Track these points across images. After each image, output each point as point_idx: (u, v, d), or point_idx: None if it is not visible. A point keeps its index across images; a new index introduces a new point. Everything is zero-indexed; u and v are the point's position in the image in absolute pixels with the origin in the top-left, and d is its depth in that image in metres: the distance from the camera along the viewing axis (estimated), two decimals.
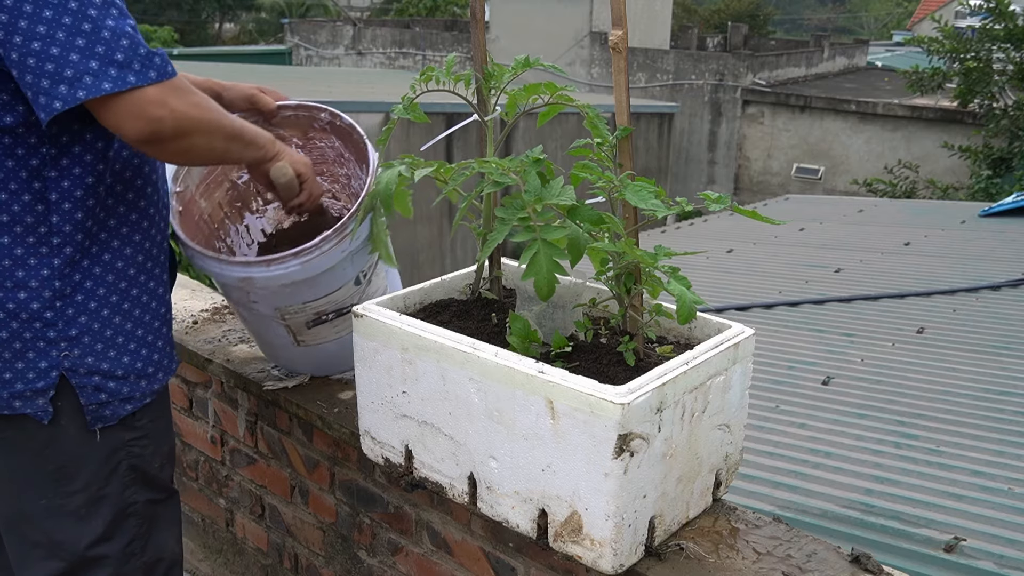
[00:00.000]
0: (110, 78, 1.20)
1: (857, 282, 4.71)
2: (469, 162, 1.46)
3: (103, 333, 1.42)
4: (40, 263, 1.35)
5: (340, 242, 1.61)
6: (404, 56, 19.65)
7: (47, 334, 1.37)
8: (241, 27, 37.66)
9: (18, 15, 1.18)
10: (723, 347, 1.38)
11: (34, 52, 1.18)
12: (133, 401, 1.47)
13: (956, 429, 2.77)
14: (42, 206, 1.33)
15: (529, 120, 9.39)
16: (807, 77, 18.20)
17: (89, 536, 1.47)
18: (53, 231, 1.35)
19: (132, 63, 1.21)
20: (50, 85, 1.19)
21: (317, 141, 1.88)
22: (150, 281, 1.50)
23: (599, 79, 17.31)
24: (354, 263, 1.68)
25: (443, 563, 1.73)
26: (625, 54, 1.34)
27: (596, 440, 1.22)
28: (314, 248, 1.58)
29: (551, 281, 1.31)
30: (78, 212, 1.36)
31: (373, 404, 1.54)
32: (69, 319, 1.38)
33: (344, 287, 1.70)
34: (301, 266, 1.60)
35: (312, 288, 1.67)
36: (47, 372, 1.38)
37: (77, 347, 1.40)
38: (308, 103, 1.82)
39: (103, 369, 1.42)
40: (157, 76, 1.24)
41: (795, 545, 1.40)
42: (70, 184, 1.35)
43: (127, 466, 1.49)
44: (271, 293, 1.67)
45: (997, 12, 11.68)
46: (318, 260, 1.60)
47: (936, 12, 14.19)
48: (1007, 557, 2.05)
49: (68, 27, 1.19)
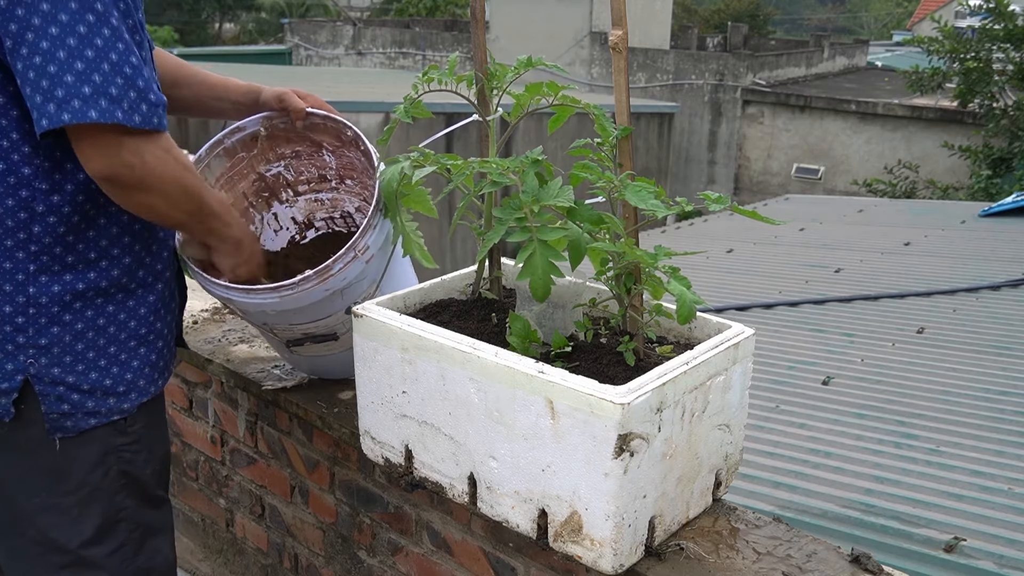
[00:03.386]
0: (98, 108, 1.20)
1: (857, 282, 4.71)
2: (471, 161, 1.46)
3: (74, 346, 1.41)
4: (15, 267, 1.34)
5: (323, 282, 1.56)
6: (404, 56, 19.65)
7: (16, 338, 1.36)
8: (241, 27, 37.67)
9: (26, 27, 1.19)
10: (723, 347, 1.38)
11: (35, 66, 1.19)
12: (98, 416, 1.44)
13: (956, 429, 2.77)
14: (25, 214, 1.33)
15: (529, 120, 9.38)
16: (807, 77, 18.20)
17: (80, 537, 1.47)
18: (32, 239, 1.34)
19: (123, 100, 1.22)
20: (42, 101, 1.20)
21: (347, 151, 1.88)
22: (128, 299, 1.46)
23: (599, 79, 17.31)
24: (344, 297, 1.64)
25: (443, 563, 1.73)
26: (625, 54, 1.34)
27: (596, 440, 1.22)
28: (294, 286, 1.55)
29: (546, 282, 1.30)
30: (61, 227, 1.35)
31: (373, 404, 1.54)
32: (41, 328, 1.37)
33: (335, 315, 1.67)
34: (280, 299, 1.57)
35: (298, 314, 1.65)
36: (12, 375, 1.37)
37: (45, 356, 1.38)
38: (336, 117, 1.80)
39: (68, 381, 1.41)
40: (141, 121, 1.24)
41: (795, 545, 1.40)
42: (59, 199, 1.34)
43: (117, 471, 1.48)
44: (254, 314, 1.67)
45: (997, 12, 11.69)
46: (299, 295, 1.57)
47: (936, 12, 14.19)
48: (1007, 557, 2.05)
49: (71, 48, 1.19)
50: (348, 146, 1.84)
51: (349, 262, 1.56)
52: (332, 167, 1.92)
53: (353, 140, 1.79)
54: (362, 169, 1.90)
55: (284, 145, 1.87)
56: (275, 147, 1.85)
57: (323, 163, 1.91)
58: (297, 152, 1.89)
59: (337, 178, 1.96)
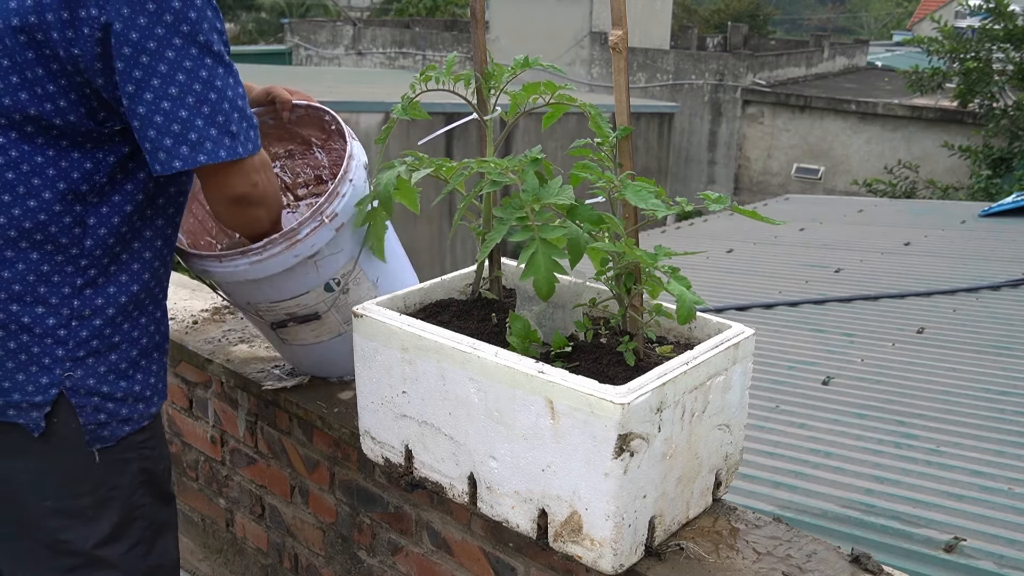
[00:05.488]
0: (225, 147, 1.32)
1: (857, 282, 4.71)
2: (469, 161, 1.46)
3: (108, 356, 1.43)
4: (63, 281, 1.37)
5: (291, 247, 1.57)
6: (404, 56, 19.64)
7: (55, 351, 1.38)
8: (241, 27, 37.65)
9: (152, 74, 1.26)
10: (723, 347, 1.38)
11: (163, 111, 1.27)
12: (131, 423, 1.47)
13: (956, 429, 2.77)
14: (79, 229, 1.36)
15: (529, 120, 9.39)
16: (807, 77, 18.19)
17: (96, 536, 1.47)
18: (84, 253, 1.37)
19: (240, 135, 1.34)
20: (172, 144, 1.29)
21: (333, 143, 1.88)
22: (150, 304, 1.50)
23: (599, 79, 17.31)
24: (319, 269, 1.65)
25: (443, 563, 1.73)
26: (625, 54, 1.34)
27: (596, 440, 1.22)
28: (261, 249, 1.56)
29: (550, 280, 1.31)
30: (111, 238, 1.39)
31: (373, 404, 1.54)
32: (81, 340, 1.39)
33: (313, 292, 1.68)
34: (250, 266, 1.58)
35: (273, 288, 1.65)
36: (47, 388, 1.38)
37: (81, 368, 1.40)
38: (314, 104, 1.82)
39: (103, 391, 1.43)
40: (253, 148, 1.37)
41: (795, 545, 1.40)
42: (108, 211, 1.38)
43: (138, 467, 1.50)
44: (234, 287, 1.67)
45: (997, 12, 11.68)
46: (268, 263, 1.58)
47: (936, 12, 14.19)
48: (1007, 557, 2.05)
49: (197, 94, 1.28)
50: (333, 137, 1.85)
51: (316, 228, 1.58)
52: (325, 165, 1.92)
53: (335, 129, 1.80)
54: None
55: (276, 144, 1.88)
56: (268, 147, 1.86)
57: (316, 162, 1.91)
58: (291, 151, 1.90)
59: (332, 177, 1.97)
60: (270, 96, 1.80)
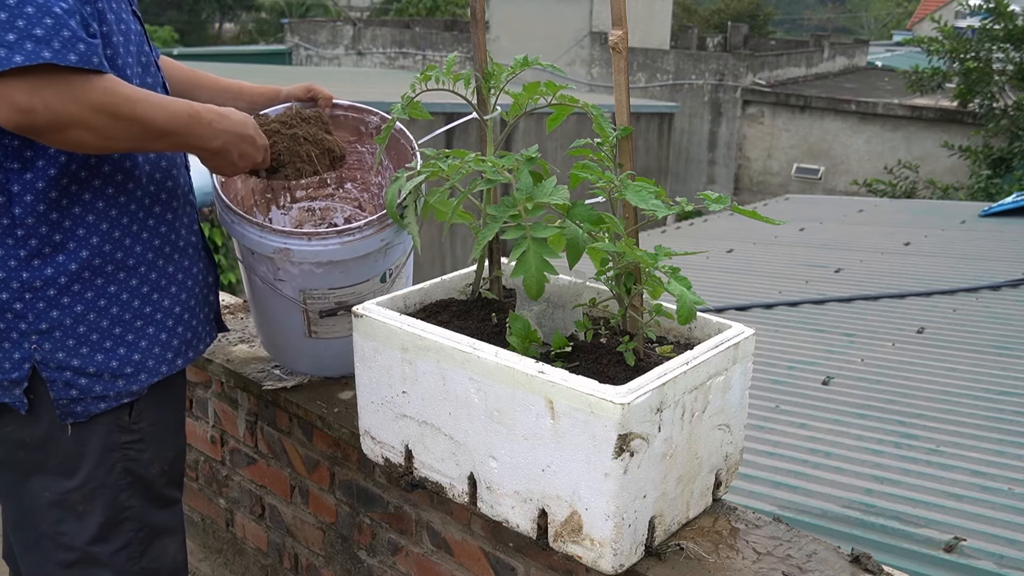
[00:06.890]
0: (24, 51, 1.14)
1: (857, 282, 4.71)
2: (466, 160, 1.46)
3: (76, 328, 1.41)
4: (7, 254, 1.35)
5: (382, 229, 1.62)
6: (404, 56, 19.65)
7: (19, 325, 1.37)
8: (241, 27, 37.68)
9: None
10: (723, 347, 1.38)
11: None
12: (107, 400, 1.45)
13: (956, 429, 2.77)
14: (3, 197, 1.33)
15: (529, 120, 9.39)
16: (807, 77, 18.20)
17: (87, 533, 1.47)
18: (16, 223, 1.34)
19: (52, 41, 1.15)
20: None
21: (359, 146, 1.89)
22: (120, 272, 1.44)
23: (599, 79, 17.31)
24: (387, 257, 1.70)
25: (443, 563, 1.73)
26: (625, 54, 1.34)
27: (596, 440, 1.22)
28: (357, 231, 1.61)
29: (540, 279, 1.31)
30: (40, 204, 1.35)
31: (373, 404, 1.54)
32: (40, 312, 1.38)
33: (371, 280, 1.71)
34: (341, 245, 1.61)
35: (343, 274, 1.67)
36: (20, 363, 1.38)
37: (48, 341, 1.39)
38: (359, 105, 1.82)
39: (73, 365, 1.41)
40: (53, 58, 1.16)
41: (795, 545, 1.40)
42: (32, 176, 1.34)
43: (121, 469, 1.48)
44: (302, 272, 1.67)
45: (997, 12, 11.69)
46: (359, 243, 1.62)
47: (936, 12, 14.19)
48: (1007, 557, 2.05)
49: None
50: (364, 139, 1.85)
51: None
52: None
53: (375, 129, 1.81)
54: (371, 165, 1.91)
55: None
56: None
57: None
58: None
59: (337, 182, 1.96)
60: (310, 93, 1.79)
